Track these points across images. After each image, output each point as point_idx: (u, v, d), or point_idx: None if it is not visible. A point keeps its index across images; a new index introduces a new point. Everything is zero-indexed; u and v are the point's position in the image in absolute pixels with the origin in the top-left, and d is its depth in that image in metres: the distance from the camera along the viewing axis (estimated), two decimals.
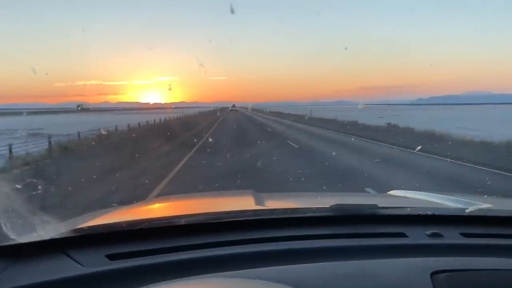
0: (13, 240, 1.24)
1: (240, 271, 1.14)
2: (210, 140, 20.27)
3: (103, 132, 16.54)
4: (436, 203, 1.94)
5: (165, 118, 32.85)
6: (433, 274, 1.09)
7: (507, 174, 10.75)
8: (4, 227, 1.25)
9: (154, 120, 28.41)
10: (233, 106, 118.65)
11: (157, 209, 2.16)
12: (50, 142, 12.11)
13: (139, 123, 23.08)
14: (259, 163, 11.32)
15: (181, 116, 41.56)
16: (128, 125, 21.53)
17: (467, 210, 1.61)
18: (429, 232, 1.46)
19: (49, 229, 1.37)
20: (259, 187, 7.78)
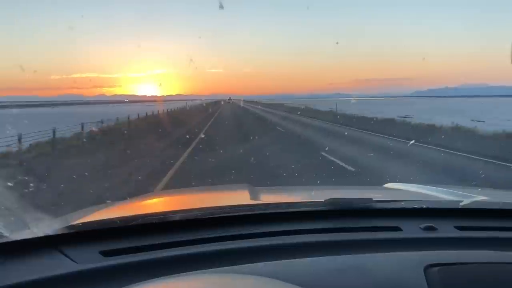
0: (5, 238, 1.23)
1: (234, 266, 1.14)
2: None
3: None
4: (431, 196, 1.95)
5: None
6: (427, 267, 1.09)
7: None
8: None
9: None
10: (229, 99, 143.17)
11: (151, 204, 2.15)
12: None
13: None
14: None
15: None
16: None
17: (461, 203, 1.61)
18: (423, 225, 1.46)
19: (43, 226, 1.36)
20: None
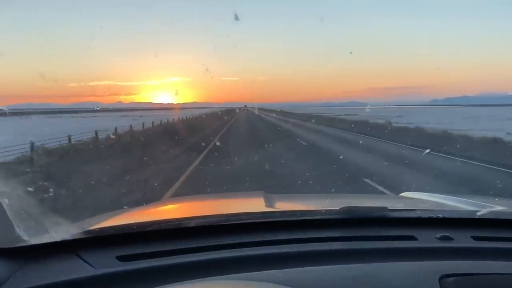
0: (26, 242, 1.26)
1: (248, 273, 1.15)
2: None
3: None
4: (448, 205, 1.93)
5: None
6: (442, 278, 1.08)
7: None
8: (17, 229, 1.28)
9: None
10: (245, 106, 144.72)
11: (167, 211, 2.17)
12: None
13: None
14: None
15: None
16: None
17: (478, 213, 1.59)
18: (439, 235, 1.45)
19: (61, 230, 1.39)
20: None
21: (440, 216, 1.60)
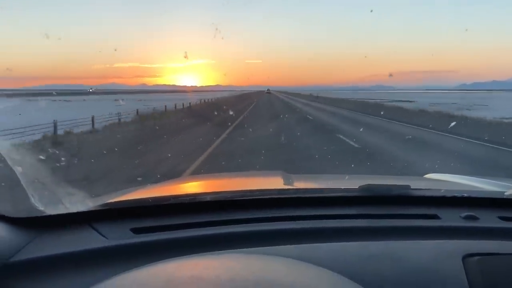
0: (41, 212, 1.27)
1: (263, 247, 1.13)
2: None
3: None
4: (474, 186, 1.85)
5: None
6: (465, 257, 1.04)
7: None
8: (32, 199, 1.28)
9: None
10: (268, 90, 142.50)
11: (184, 186, 2.17)
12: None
13: None
14: None
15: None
16: None
17: (506, 193, 1.52)
18: (464, 214, 1.39)
19: (76, 201, 1.39)
20: None
21: (465, 195, 1.53)
